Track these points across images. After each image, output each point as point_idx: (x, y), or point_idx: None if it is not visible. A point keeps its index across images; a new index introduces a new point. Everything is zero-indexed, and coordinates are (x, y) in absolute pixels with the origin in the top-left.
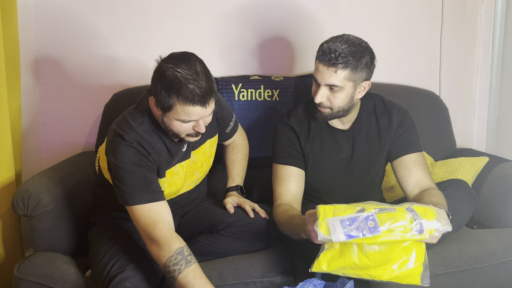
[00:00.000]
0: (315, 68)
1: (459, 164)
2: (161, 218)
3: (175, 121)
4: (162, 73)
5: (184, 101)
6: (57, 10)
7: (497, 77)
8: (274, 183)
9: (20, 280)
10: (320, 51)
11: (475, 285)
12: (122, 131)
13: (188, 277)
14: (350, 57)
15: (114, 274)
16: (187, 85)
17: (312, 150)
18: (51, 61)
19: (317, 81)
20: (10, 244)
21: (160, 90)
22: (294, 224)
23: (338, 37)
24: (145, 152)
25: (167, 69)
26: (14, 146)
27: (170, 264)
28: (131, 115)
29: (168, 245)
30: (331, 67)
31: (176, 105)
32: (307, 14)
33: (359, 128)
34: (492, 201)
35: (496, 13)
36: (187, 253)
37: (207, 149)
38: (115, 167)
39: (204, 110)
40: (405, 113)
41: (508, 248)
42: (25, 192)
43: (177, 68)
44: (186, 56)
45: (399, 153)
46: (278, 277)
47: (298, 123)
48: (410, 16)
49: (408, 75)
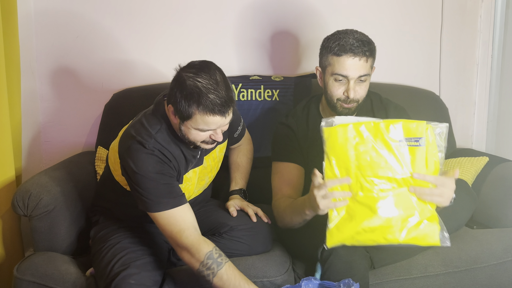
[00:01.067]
0: (337, 65)
1: (459, 164)
2: (187, 224)
3: (193, 130)
4: (182, 82)
5: (204, 111)
6: (57, 10)
7: (497, 77)
8: (274, 179)
9: (20, 280)
10: (340, 45)
11: (475, 285)
12: (142, 138)
13: (223, 280)
14: (370, 44)
15: (117, 271)
16: (207, 95)
17: (312, 150)
18: (51, 61)
19: (347, 76)
20: (10, 244)
21: (180, 99)
22: (297, 204)
23: (347, 31)
24: (166, 159)
25: (187, 78)
26: (14, 146)
27: (203, 269)
28: (149, 122)
29: (197, 252)
30: (363, 57)
31: (196, 114)
32: (307, 14)
33: None
34: (492, 201)
35: (496, 13)
36: (216, 255)
37: (217, 154)
38: (135, 175)
39: (223, 119)
40: (401, 110)
41: (508, 248)
42: (25, 192)
43: (198, 78)
44: (206, 65)
45: None
46: (279, 277)
47: (296, 123)
48: (410, 16)
49: (408, 75)
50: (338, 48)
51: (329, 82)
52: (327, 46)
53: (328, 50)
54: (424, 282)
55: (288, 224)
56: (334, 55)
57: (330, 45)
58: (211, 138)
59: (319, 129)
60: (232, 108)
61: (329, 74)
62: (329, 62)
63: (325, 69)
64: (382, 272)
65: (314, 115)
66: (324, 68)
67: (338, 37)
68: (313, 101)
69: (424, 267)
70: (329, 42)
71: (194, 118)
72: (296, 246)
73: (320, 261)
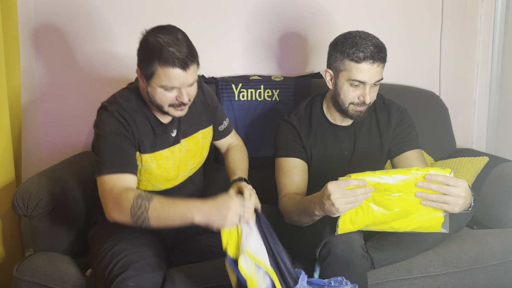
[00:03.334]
0: (355, 71)
1: (459, 164)
2: (122, 185)
3: (158, 89)
4: (145, 41)
5: (165, 64)
6: (57, 10)
7: (497, 77)
8: (278, 176)
9: (20, 280)
10: (360, 51)
11: (475, 285)
12: (107, 103)
13: (156, 208)
14: (386, 48)
15: (116, 273)
16: (167, 48)
17: (316, 149)
18: (51, 61)
19: (365, 82)
20: (10, 244)
21: (143, 57)
22: (304, 205)
23: (361, 35)
24: (125, 123)
25: (149, 36)
26: (14, 146)
27: (136, 211)
28: (120, 93)
29: (126, 198)
30: (380, 64)
31: (158, 69)
32: (307, 15)
33: (360, 125)
34: (492, 201)
35: (496, 13)
36: (145, 194)
37: (199, 139)
38: (95, 136)
39: (185, 74)
40: (404, 111)
41: (508, 249)
42: (25, 192)
43: (159, 35)
44: (170, 26)
45: (401, 149)
46: None
47: (299, 121)
48: (410, 16)
49: (408, 75)
50: (357, 54)
51: (343, 87)
52: (342, 50)
53: (345, 55)
54: (424, 282)
55: (297, 223)
56: (352, 61)
57: (347, 50)
58: (177, 100)
59: (321, 128)
60: (194, 65)
61: (345, 78)
62: (345, 67)
63: (339, 73)
64: (382, 272)
65: (317, 114)
66: (338, 72)
67: (355, 42)
68: (317, 100)
69: (424, 267)
70: (345, 47)
71: (157, 74)
72: (295, 246)
73: (318, 261)
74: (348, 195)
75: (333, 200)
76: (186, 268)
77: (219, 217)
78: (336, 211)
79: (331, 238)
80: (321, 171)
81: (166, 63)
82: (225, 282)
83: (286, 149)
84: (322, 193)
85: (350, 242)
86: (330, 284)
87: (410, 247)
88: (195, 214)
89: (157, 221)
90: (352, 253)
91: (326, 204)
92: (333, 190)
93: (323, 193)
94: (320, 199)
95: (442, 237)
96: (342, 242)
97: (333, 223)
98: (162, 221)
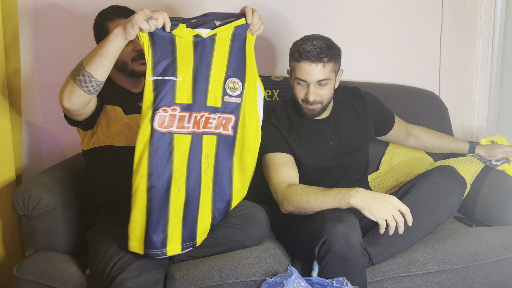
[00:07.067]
0: (298, 70)
1: (459, 164)
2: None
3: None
4: (98, 15)
5: (112, 17)
6: (57, 10)
7: (497, 77)
8: (270, 171)
9: (20, 280)
10: (299, 52)
11: (474, 282)
12: None
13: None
14: (331, 50)
15: (115, 274)
16: (112, 6)
17: (301, 145)
18: (51, 61)
19: (306, 80)
20: (10, 244)
21: (96, 21)
22: (333, 192)
23: (309, 37)
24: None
25: (102, 11)
26: (14, 146)
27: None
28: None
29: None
30: (319, 63)
31: (106, 22)
32: (307, 14)
33: (338, 114)
34: (491, 201)
35: (496, 13)
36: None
37: None
38: None
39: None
40: (370, 94)
41: (507, 246)
42: (25, 192)
43: (111, 6)
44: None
45: (387, 128)
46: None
47: (277, 120)
48: (410, 16)
49: (408, 75)
50: (297, 54)
51: (294, 85)
52: (291, 51)
53: (291, 55)
54: (423, 280)
55: (301, 206)
56: (295, 61)
57: (293, 50)
58: (134, 51)
59: (302, 124)
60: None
61: (293, 77)
62: (292, 67)
63: (291, 72)
64: (381, 269)
65: (294, 111)
66: (291, 71)
67: (300, 43)
68: (289, 102)
69: (423, 264)
70: (293, 47)
71: (106, 28)
72: (294, 244)
73: (317, 259)
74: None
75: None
76: (187, 265)
77: None
78: (381, 218)
79: (331, 235)
80: (312, 163)
81: (110, 17)
82: (225, 281)
83: (273, 144)
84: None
85: (349, 239)
86: (332, 284)
87: (405, 235)
88: None
89: None
90: (351, 250)
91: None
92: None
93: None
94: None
95: (436, 223)
96: (342, 239)
97: (333, 220)
98: None
